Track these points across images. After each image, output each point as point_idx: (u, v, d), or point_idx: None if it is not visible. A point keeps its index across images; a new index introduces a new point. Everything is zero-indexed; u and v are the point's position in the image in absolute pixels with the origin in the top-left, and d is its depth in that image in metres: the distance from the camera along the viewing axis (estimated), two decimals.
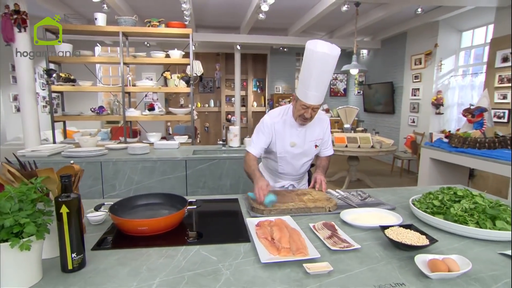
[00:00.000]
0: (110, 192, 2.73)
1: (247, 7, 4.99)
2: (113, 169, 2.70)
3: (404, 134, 6.25)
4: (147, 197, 1.36)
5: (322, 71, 1.49)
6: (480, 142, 3.19)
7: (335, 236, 1.09)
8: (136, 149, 2.83)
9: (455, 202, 1.26)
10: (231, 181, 2.84)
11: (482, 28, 5.12)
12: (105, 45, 7.31)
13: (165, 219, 1.13)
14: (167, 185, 2.75)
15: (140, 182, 2.74)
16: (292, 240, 1.02)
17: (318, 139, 1.77)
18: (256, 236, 1.08)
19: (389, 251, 1.03)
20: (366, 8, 5.04)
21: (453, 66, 5.49)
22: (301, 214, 1.34)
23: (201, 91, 8.79)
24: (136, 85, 4.08)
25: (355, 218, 1.27)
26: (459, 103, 5.33)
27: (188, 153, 2.86)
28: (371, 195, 1.62)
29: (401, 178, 5.75)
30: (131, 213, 1.26)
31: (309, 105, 1.56)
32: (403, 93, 6.33)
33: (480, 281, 0.86)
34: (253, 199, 1.42)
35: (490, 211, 1.17)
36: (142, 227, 1.09)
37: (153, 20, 3.86)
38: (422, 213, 1.25)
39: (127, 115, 3.88)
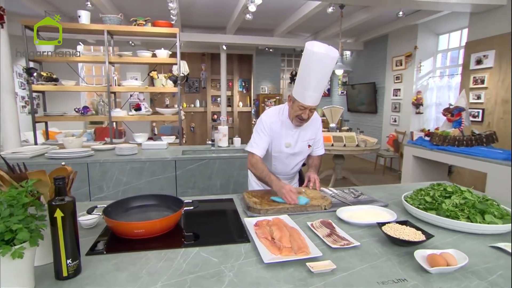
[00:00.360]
0: (97, 194, 2.64)
1: (234, 8, 4.95)
2: (100, 170, 2.61)
3: (386, 133, 6.39)
4: (141, 199, 1.31)
5: (320, 72, 1.49)
6: (458, 140, 3.30)
7: (334, 234, 1.08)
8: (124, 149, 2.75)
9: (445, 198, 1.29)
10: (221, 181, 2.81)
11: (457, 32, 5.31)
12: (88, 44, 7.07)
13: (162, 221, 1.09)
14: (156, 186, 2.69)
15: (128, 183, 2.66)
16: (292, 239, 1.01)
17: (311, 139, 1.77)
18: (256, 236, 1.06)
19: (387, 247, 1.03)
20: (350, 11, 5.11)
21: (431, 68, 5.66)
22: (297, 212, 1.33)
23: (187, 91, 8.66)
24: (122, 84, 3.96)
25: (350, 215, 1.27)
26: (437, 103, 5.51)
27: (177, 154, 2.80)
28: (363, 192, 1.63)
29: (384, 176, 5.88)
30: (125, 216, 1.21)
31: (307, 106, 1.55)
32: (385, 93, 6.48)
33: (476, 274, 0.88)
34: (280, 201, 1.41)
35: (479, 205, 1.20)
36: (138, 229, 1.05)
37: (139, 19, 3.76)
38: (415, 209, 1.27)
39: (112, 116, 3.77)
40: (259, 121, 1.72)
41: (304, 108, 1.56)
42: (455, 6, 3.97)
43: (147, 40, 6.29)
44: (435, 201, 1.28)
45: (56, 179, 0.80)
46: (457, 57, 5.35)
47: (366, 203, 1.46)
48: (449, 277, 0.86)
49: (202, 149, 3.20)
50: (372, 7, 4.81)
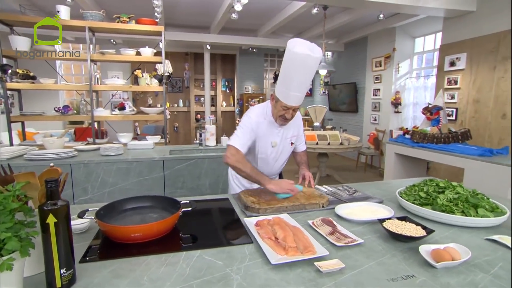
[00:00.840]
0: (81, 196, 2.50)
1: (219, 7, 4.87)
2: (85, 171, 2.47)
3: (367, 131, 6.52)
4: (135, 200, 1.23)
5: (303, 73, 1.42)
6: (437, 137, 3.40)
7: (336, 232, 1.06)
8: (109, 149, 2.62)
9: (439, 193, 1.30)
10: (210, 180, 2.74)
11: (432, 36, 5.50)
12: (66, 41, 6.74)
13: (160, 224, 1.02)
14: (144, 186, 2.58)
15: (115, 184, 2.54)
16: (297, 238, 0.98)
17: (294, 136, 1.73)
18: (258, 236, 1.02)
19: (390, 243, 1.02)
20: (332, 12, 5.16)
21: (408, 69, 5.83)
22: (296, 211, 1.30)
23: (170, 90, 8.46)
24: (105, 83, 3.78)
25: (349, 212, 1.26)
26: (414, 102, 5.68)
27: (164, 153, 2.71)
28: (357, 189, 1.63)
29: (365, 173, 6.00)
30: (119, 219, 1.13)
31: (290, 106, 1.49)
32: (365, 93, 6.61)
33: (478, 266, 0.88)
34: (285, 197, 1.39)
35: (472, 199, 1.22)
36: (136, 233, 0.98)
37: (122, 16, 3.61)
38: (411, 205, 1.27)
39: (95, 115, 3.59)
40: (247, 117, 1.61)
41: (287, 108, 1.50)
42: (430, 10, 4.10)
43: (129, 39, 6.07)
44: (429, 197, 1.29)
45: (48, 181, 0.72)
46: (432, 59, 5.54)
47: (362, 200, 1.46)
48: (455, 271, 0.85)
49: (190, 149, 3.11)
50: (354, 10, 4.88)
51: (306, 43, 1.40)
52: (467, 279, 0.82)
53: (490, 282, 0.80)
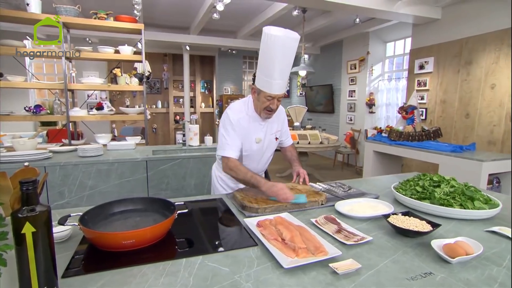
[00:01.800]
0: (57, 200, 2.26)
1: (200, 7, 4.71)
2: (61, 174, 2.24)
3: (343, 131, 6.62)
4: (123, 203, 1.08)
5: (283, 57, 1.34)
6: (412, 135, 3.49)
7: (343, 230, 0.98)
8: (88, 150, 2.40)
9: (435, 187, 1.27)
10: (195, 181, 2.60)
11: (401, 41, 5.69)
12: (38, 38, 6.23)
13: (155, 229, 0.89)
14: (126, 188, 2.39)
15: (94, 187, 2.33)
16: (305, 238, 0.89)
17: (278, 131, 1.63)
18: (263, 238, 0.92)
19: (397, 239, 0.96)
20: (311, 16, 5.18)
21: (381, 72, 5.99)
22: (296, 210, 1.21)
23: (148, 92, 8.12)
24: (82, 82, 3.50)
25: (350, 209, 1.19)
26: (387, 103, 5.84)
27: (147, 154, 2.53)
28: (351, 186, 1.57)
29: (343, 171, 6.08)
30: (106, 224, 0.99)
31: (274, 95, 1.40)
32: (341, 94, 6.70)
33: (490, 260, 0.84)
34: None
35: (468, 192, 1.20)
36: (128, 240, 0.84)
37: (100, 12, 3.37)
38: (409, 199, 1.23)
39: (71, 115, 3.32)
40: (226, 118, 1.49)
41: (272, 97, 1.40)
42: (401, 16, 4.22)
43: (106, 37, 5.72)
44: (426, 191, 1.26)
45: (23, 183, 0.58)
46: (402, 62, 5.73)
47: (357, 196, 1.40)
48: (470, 266, 0.80)
49: (173, 149, 2.95)
50: (331, 14, 4.92)
51: (281, 28, 1.32)
52: (484, 273, 0.77)
53: (506, 276, 0.76)
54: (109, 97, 7.46)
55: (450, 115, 4.23)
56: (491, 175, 2.77)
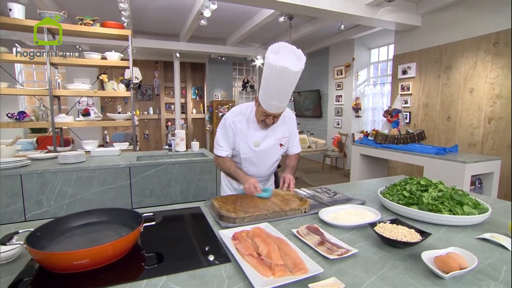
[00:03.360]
0: (35, 210, 2.09)
1: (188, 14, 4.60)
2: (39, 182, 2.07)
3: (331, 135, 6.56)
4: (84, 216, 0.94)
5: (282, 85, 1.24)
6: (397, 138, 3.42)
7: (326, 242, 0.87)
8: (68, 157, 2.24)
9: (422, 191, 1.17)
10: (180, 187, 2.45)
11: (385, 48, 5.69)
12: (26, 46, 6.01)
13: (115, 245, 0.76)
14: (108, 196, 2.23)
15: (75, 195, 2.16)
16: (283, 253, 0.77)
17: (284, 137, 1.53)
18: (237, 253, 0.79)
19: (386, 251, 0.85)
20: (298, 23, 5.12)
21: (366, 77, 5.97)
22: (276, 219, 1.09)
23: (140, 98, 7.93)
24: (68, 88, 3.33)
25: (335, 217, 1.08)
26: (373, 108, 5.81)
27: (131, 160, 2.38)
28: (337, 191, 1.47)
29: (331, 174, 6.00)
30: (64, 241, 0.85)
31: (270, 113, 1.33)
32: (328, 99, 6.66)
33: (485, 273, 0.74)
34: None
35: (456, 197, 1.10)
36: (81, 260, 0.71)
37: (86, 18, 3.22)
38: (396, 205, 1.13)
39: (57, 122, 3.15)
40: (223, 119, 1.48)
41: (268, 115, 1.34)
42: (384, 23, 4.21)
43: (96, 44, 5.54)
44: (414, 195, 1.16)
45: None
46: (386, 68, 5.72)
47: (343, 202, 1.29)
48: (465, 281, 0.70)
49: (159, 155, 2.80)
50: (317, 21, 4.88)
51: (287, 53, 1.19)
52: None
53: None
54: (101, 104, 7.25)
55: (433, 118, 4.20)
56: (473, 177, 2.71)
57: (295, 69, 1.18)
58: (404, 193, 1.19)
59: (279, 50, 1.19)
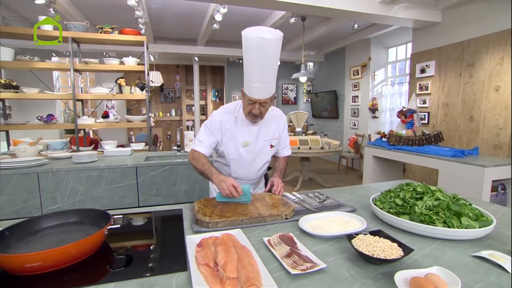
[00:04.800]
0: (50, 205, 2.17)
1: (202, 19, 4.62)
2: (54, 180, 2.15)
3: (347, 136, 6.30)
4: (58, 216, 0.93)
5: (261, 60, 1.16)
6: (412, 140, 3.18)
7: (294, 254, 0.78)
8: (81, 157, 2.31)
9: (417, 199, 1.04)
10: (185, 187, 2.44)
11: (403, 46, 5.35)
12: (63, 56, 6.39)
13: (68, 249, 0.72)
14: (117, 194, 2.27)
15: (86, 192, 2.22)
16: (240, 265, 0.69)
17: (274, 138, 1.43)
18: (194, 261, 0.73)
19: (359, 267, 0.74)
20: (311, 24, 4.97)
21: (384, 77, 5.66)
22: (254, 224, 1.01)
23: (163, 101, 8.16)
24: (89, 92, 3.47)
25: (315, 225, 0.98)
26: (391, 108, 5.49)
27: (139, 160, 2.40)
28: (329, 196, 1.35)
29: (347, 175, 5.76)
30: (32, 241, 0.83)
31: (255, 99, 1.23)
32: (344, 100, 6.41)
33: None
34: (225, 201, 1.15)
35: (454, 207, 0.95)
36: (32, 263, 0.68)
37: (105, 27, 3.33)
38: (386, 214, 1.00)
39: (80, 123, 3.28)
40: (211, 117, 1.40)
41: (253, 102, 1.24)
42: (400, 20, 3.94)
43: (120, 51, 5.77)
44: (407, 204, 1.03)
45: None
46: (404, 67, 5.38)
47: (333, 208, 1.19)
48: None
49: (168, 155, 2.82)
50: (331, 21, 4.70)
51: (262, 28, 1.14)
52: None
53: None
54: (127, 106, 7.54)
55: (453, 119, 3.87)
56: (495, 182, 2.43)
57: (271, 37, 1.12)
58: (396, 200, 1.06)
59: (251, 29, 1.15)
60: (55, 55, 6.11)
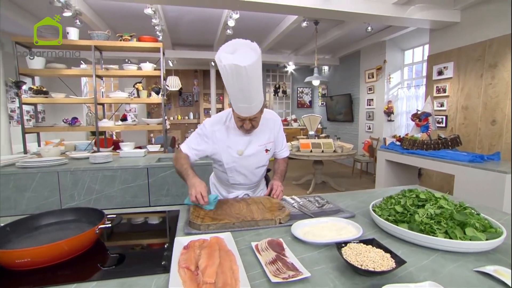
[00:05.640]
0: (69, 202, 2.26)
1: (217, 25, 4.68)
2: (72, 178, 2.24)
3: (362, 139, 6.11)
4: (57, 215, 0.95)
5: (243, 84, 1.06)
6: (426, 143, 3.02)
7: (279, 261, 0.74)
8: (97, 157, 2.39)
9: (418, 207, 0.96)
10: None
11: (420, 48, 5.11)
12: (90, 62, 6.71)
13: (60, 245, 0.73)
14: (129, 193, 2.32)
15: (101, 191, 2.29)
16: (221, 270, 0.67)
17: (269, 142, 1.36)
18: (176, 264, 0.71)
19: (346, 278, 0.69)
20: (325, 28, 4.88)
21: (400, 80, 5.43)
22: (246, 228, 0.98)
23: (181, 104, 8.34)
24: (109, 96, 3.61)
25: (308, 231, 0.93)
26: (407, 111, 5.25)
27: (151, 161, 2.45)
28: (329, 201, 1.29)
29: (361, 179, 5.56)
30: (31, 237, 0.86)
31: (243, 117, 1.17)
32: (359, 103, 6.22)
33: None
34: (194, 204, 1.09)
35: (458, 216, 0.87)
36: (22, 259, 0.69)
37: (124, 34, 3.46)
38: (383, 222, 0.94)
39: (100, 126, 3.42)
40: (201, 126, 1.33)
41: (242, 119, 1.18)
42: (417, 22, 3.76)
43: (140, 57, 5.96)
44: (407, 211, 0.95)
45: None
46: (421, 70, 5.14)
47: (331, 213, 1.13)
48: None
49: None
50: (344, 24, 4.58)
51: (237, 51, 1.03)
52: None
53: None
54: (148, 109, 7.77)
55: (474, 122, 3.62)
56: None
57: (247, 63, 0.99)
58: (396, 207, 0.98)
59: (235, 49, 1.04)
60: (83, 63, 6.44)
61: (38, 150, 2.60)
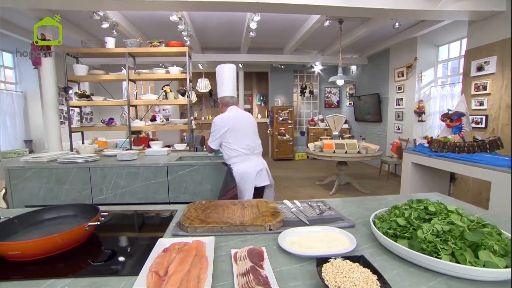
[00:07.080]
0: (98, 196, 2.41)
1: (242, 28, 4.66)
2: (101, 174, 2.38)
3: (390, 140, 5.68)
4: (59, 210, 0.98)
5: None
6: (459, 146, 2.67)
7: (252, 273, 0.67)
8: (124, 155, 2.51)
9: (425, 221, 0.82)
10: (211, 186, 2.45)
11: (457, 43, 4.57)
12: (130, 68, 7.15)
13: (49, 240, 0.75)
14: (150, 189, 2.40)
15: (125, 186, 2.40)
16: (186, 278, 0.62)
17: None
18: (147, 267, 0.68)
19: None
20: (350, 27, 4.60)
21: (432, 78, 4.93)
22: (234, 233, 0.92)
23: (212, 105, 8.52)
24: (141, 98, 3.80)
25: (295, 241, 0.85)
26: (441, 111, 4.74)
27: (171, 160, 2.50)
28: (332, 207, 1.18)
29: (388, 181, 5.18)
30: (34, 230, 0.90)
31: None
32: (388, 103, 5.79)
33: None
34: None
35: (470, 236, 0.72)
36: (12, 251, 0.72)
37: (154, 41, 3.61)
38: (381, 236, 0.81)
39: (132, 126, 3.62)
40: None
41: None
42: (451, 14, 3.35)
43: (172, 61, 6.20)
44: (410, 225, 0.82)
45: None
46: (458, 66, 4.59)
47: (329, 221, 1.02)
48: None
49: (200, 156, 2.89)
50: (370, 22, 4.27)
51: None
52: None
53: None
54: (181, 110, 8.06)
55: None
56: None
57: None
58: (398, 220, 0.85)
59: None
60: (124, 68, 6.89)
61: (76, 148, 2.81)
